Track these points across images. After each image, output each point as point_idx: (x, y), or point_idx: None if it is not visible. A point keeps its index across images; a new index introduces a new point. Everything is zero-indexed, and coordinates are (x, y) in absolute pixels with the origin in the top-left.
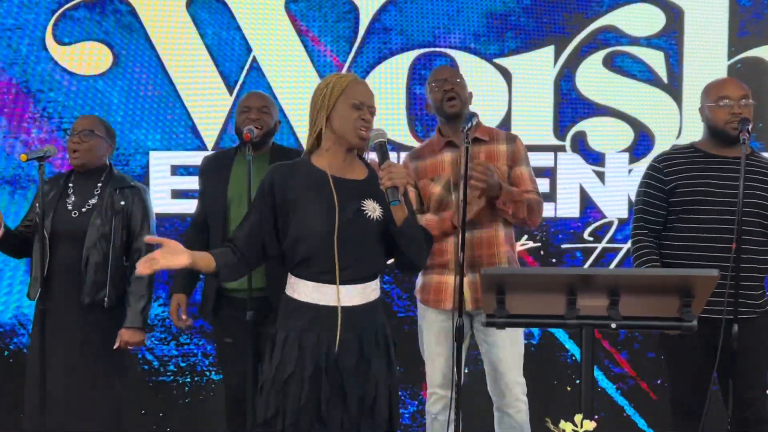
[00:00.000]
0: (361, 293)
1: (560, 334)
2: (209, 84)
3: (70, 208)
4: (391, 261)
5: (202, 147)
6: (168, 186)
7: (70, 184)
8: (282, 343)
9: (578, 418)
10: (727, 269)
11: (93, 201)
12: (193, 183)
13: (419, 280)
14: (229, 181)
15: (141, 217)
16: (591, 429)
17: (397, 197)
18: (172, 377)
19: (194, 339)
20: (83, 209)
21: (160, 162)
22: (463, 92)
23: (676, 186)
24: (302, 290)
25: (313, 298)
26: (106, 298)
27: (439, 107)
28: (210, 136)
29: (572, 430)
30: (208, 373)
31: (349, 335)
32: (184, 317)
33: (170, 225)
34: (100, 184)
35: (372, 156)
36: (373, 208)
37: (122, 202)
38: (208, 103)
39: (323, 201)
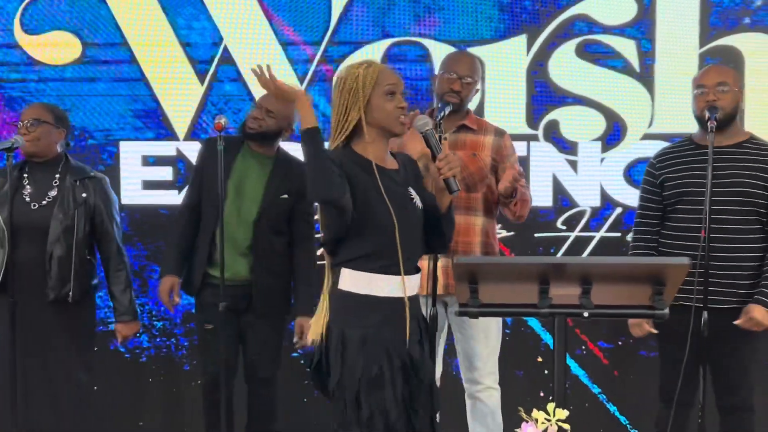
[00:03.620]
0: (417, 282)
1: (533, 323)
2: (180, 73)
3: (28, 200)
4: None
5: (173, 137)
6: (139, 177)
7: (25, 175)
8: (359, 343)
9: (550, 406)
10: (719, 259)
11: (53, 193)
12: (164, 174)
13: None
14: (231, 170)
15: (105, 208)
16: (563, 417)
17: (457, 186)
18: (144, 369)
19: (167, 329)
20: (43, 202)
21: (130, 152)
22: (469, 93)
23: (665, 179)
24: (368, 284)
25: (384, 291)
26: (70, 293)
27: (441, 96)
28: (181, 126)
29: (545, 418)
30: (181, 365)
31: (414, 326)
32: (176, 299)
33: (141, 216)
34: (58, 175)
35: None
36: (415, 196)
37: (84, 194)
38: (179, 93)
39: (378, 192)
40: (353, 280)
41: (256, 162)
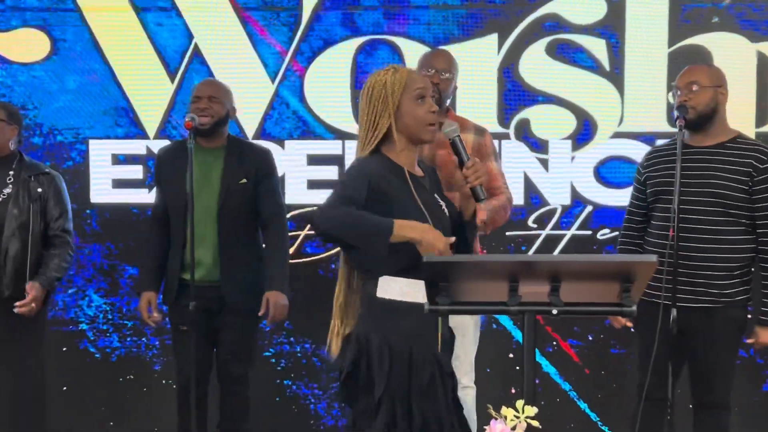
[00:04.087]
0: None
1: (505, 321)
2: (150, 72)
3: None
4: None
5: (143, 135)
6: (109, 175)
7: None
8: (406, 351)
9: (519, 403)
10: (689, 258)
11: (7, 190)
12: (134, 172)
13: None
14: (186, 175)
15: (56, 203)
16: (532, 414)
17: (484, 194)
18: (114, 369)
19: (138, 328)
20: None
21: (100, 151)
22: (447, 88)
23: (647, 179)
24: (410, 291)
25: (417, 298)
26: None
27: None
28: (151, 125)
29: (513, 415)
30: (152, 364)
31: (445, 331)
32: (155, 314)
33: (112, 215)
34: (12, 172)
35: None
36: (443, 203)
37: (39, 189)
38: (150, 91)
39: (414, 200)
40: (394, 288)
41: (209, 157)
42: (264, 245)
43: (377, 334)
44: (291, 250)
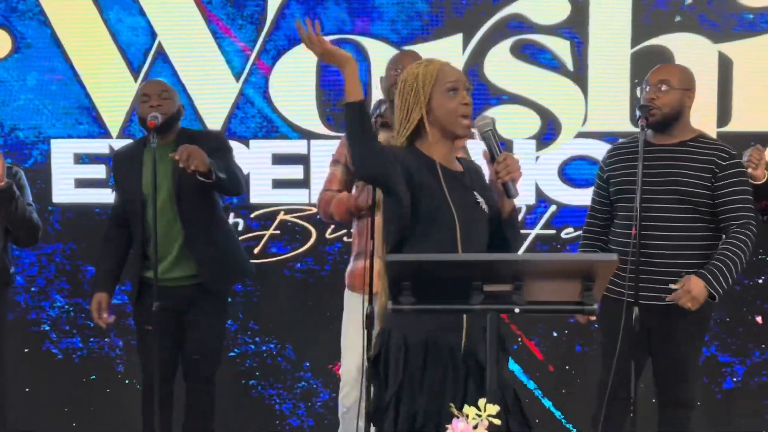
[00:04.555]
0: None
1: None
2: (113, 70)
3: None
4: None
5: (106, 135)
6: (71, 175)
7: None
8: (422, 348)
9: (482, 402)
10: (654, 256)
11: None
12: (97, 172)
13: (350, 265)
14: (142, 175)
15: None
16: (494, 413)
17: (516, 191)
18: (77, 370)
19: (100, 329)
20: None
21: (62, 150)
22: None
23: (609, 177)
24: None
25: None
26: None
27: (386, 90)
28: (114, 124)
29: (475, 414)
30: (115, 365)
31: (476, 334)
32: (104, 315)
33: (75, 215)
34: None
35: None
36: (481, 200)
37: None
38: (112, 90)
39: (442, 192)
40: None
41: (162, 154)
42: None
43: (398, 330)
44: (256, 251)
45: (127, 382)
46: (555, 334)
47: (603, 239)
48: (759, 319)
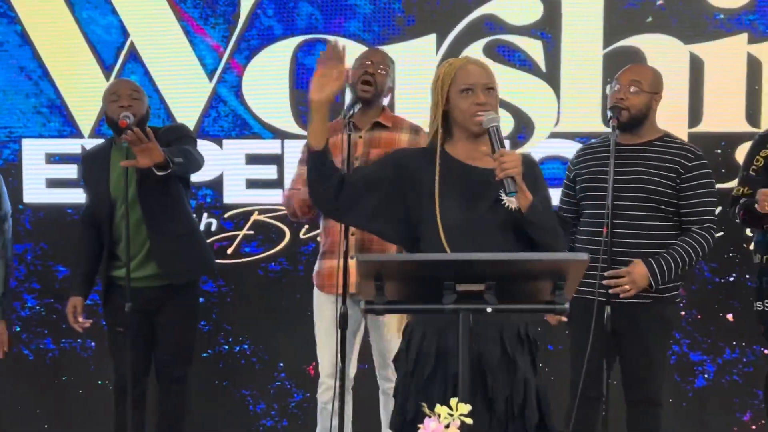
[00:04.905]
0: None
1: None
2: (85, 69)
3: None
4: None
5: (78, 134)
6: (43, 175)
7: None
8: (420, 339)
9: (453, 401)
10: (620, 254)
11: None
12: (69, 172)
13: (317, 265)
14: (110, 177)
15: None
16: (466, 412)
17: (512, 188)
18: (49, 371)
19: (72, 329)
20: None
21: (33, 150)
22: (383, 82)
23: (576, 176)
24: None
25: None
26: None
27: (354, 86)
28: (86, 124)
29: (447, 413)
30: (87, 366)
31: (490, 331)
32: (80, 319)
33: (46, 215)
34: None
35: None
36: (506, 198)
37: None
38: (84, 89)
39: (458, 191)
40: None
41: (131, 154)
42: None
43: (419, 327)
44: (229, 251)
45: (99, 382)
46: None
47: (570, 239)
48: (730, 316)
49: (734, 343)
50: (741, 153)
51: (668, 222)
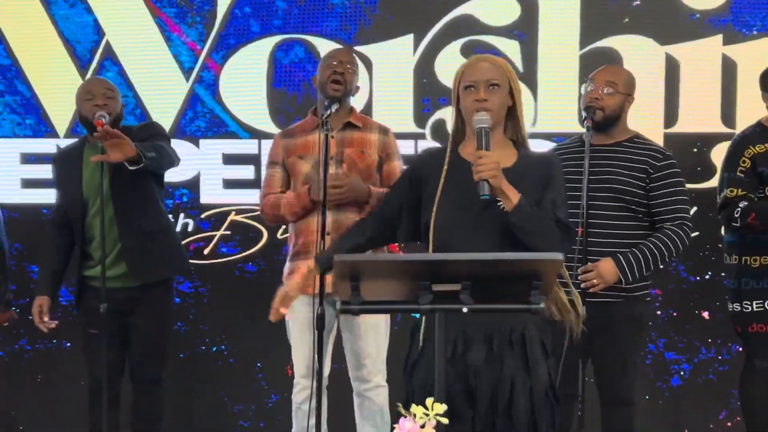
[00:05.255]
0: None
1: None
2: (60, 68)
3: None
4: None
5: (54, 134)
6: (18, 175)
7: None
8: (413, 330)
9: (429, 401)
10: (592, 254)
11: None
12: (44, 172)
13: (287, 265)
14: (83, 177)
15: None
16: (442, 412)
17: (485, 191)
18: (24, 371)
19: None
20: None
21: (8, 150)
22: (351, 80)
23: None
24: None
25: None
26: None
27: (323, 86)
28: (61, 123)
29: (423, 413)
30: (62, 366)
31: (475, 330)
32: (46, 319)
33: (21, 215)
34: None
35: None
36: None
37: None
38: (60, 89)
39: (460, 191)
40: None
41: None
42: None
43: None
44: (206, 251)
45: (74, 384)
46: None
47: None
48: (706, 314)
49: (710, 341)
50: (716, 153)
51: (639, 222)
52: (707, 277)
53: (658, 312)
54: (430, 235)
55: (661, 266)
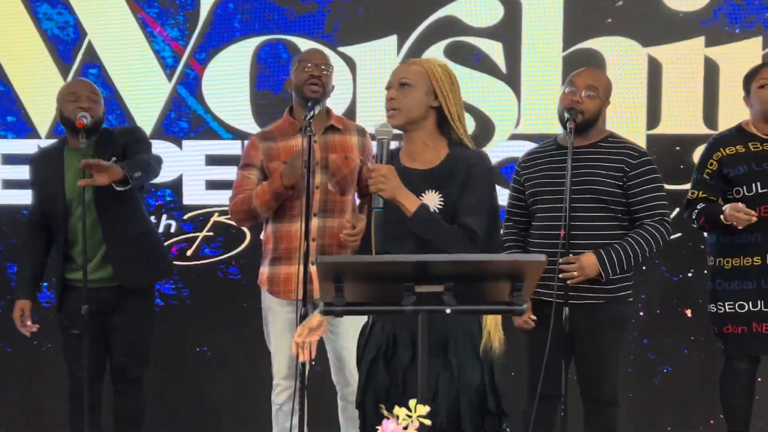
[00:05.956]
0: None
1: None
2: (41, 68)
3: None
4: None
5: (35, 134)
6: None
7: None
8: (366, 327)
9: (412, 402)
10: (574, 255)
11: None
12: (25, 173)
13: (265, 269)
14: (65, 178)
15: None
16: (425, 413)
17: (378, 204)
18: (2, 374)
19: None
20: None
21: None
22: (328, 82)
23: (526, 180)
24: None
25: None
26: None
27: (300, 88)
28: (43, 123)
29: (406, 414)
30: (42, 367)
31: (403, 330)
32: (28, 323)
33: (2, 216)
34: None
35: None
36: (431, 200)
37: None
38: (41, 89)
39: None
40: None
41: (82, 156)
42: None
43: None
44: (189, 252)
45: (54, 385)
46: None
47: (523, 242)
48: (689, 312)
49: (692, 339)
50: (698, 154)
51: (618, 222)
52: (690, 275)
53: (641, 313)
54: (372, 238)
55: (641, 261)
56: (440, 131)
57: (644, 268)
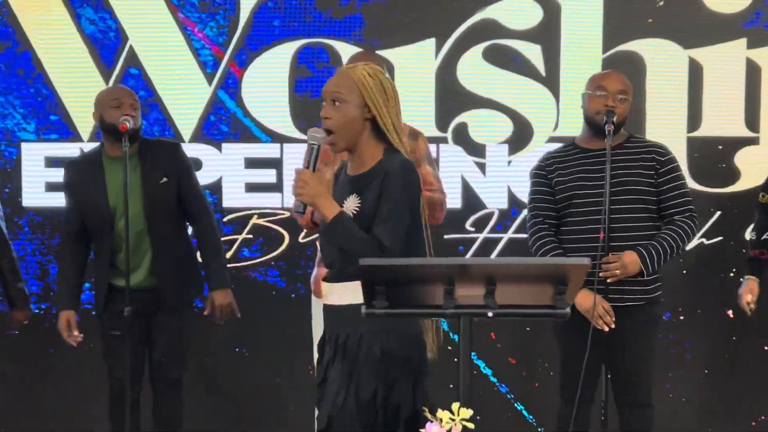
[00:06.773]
0: (340, 293)
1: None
2: (84, 73)
3: None
4: None
5: (77, 138)
6: (42, 178)
7: None
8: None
9: (455, 405)
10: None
11: None
12: None
13: (314, 272)
14: (107, 186)
15: None
16: (468, 417)
17: (298, 209)
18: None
19: None
20: None
21: (33, 154)
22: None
23: (557, 183)
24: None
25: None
26: None
27: None
28: (85, 127)
29: (449, 418)
30: (81, 369)
31: (332, 335)
32: (75, 333)
33: (45, 219)
34: None
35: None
36: (350, 205)
37: None
38: (83, 93)
39: (338, 200)
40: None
41: (122, 164)
42: (198, 242)
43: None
44: (228, 255)
45: (95, 386)
46: (527, 341)
47: (557, 242)
48: (730, 313)
49: (734, 339)
50: (739, 157)
51: (652, 221)
52: (731, 275)
53: (681, 317)
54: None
55: (673, 257)
56: (378, 138)
57: (684, 272)
